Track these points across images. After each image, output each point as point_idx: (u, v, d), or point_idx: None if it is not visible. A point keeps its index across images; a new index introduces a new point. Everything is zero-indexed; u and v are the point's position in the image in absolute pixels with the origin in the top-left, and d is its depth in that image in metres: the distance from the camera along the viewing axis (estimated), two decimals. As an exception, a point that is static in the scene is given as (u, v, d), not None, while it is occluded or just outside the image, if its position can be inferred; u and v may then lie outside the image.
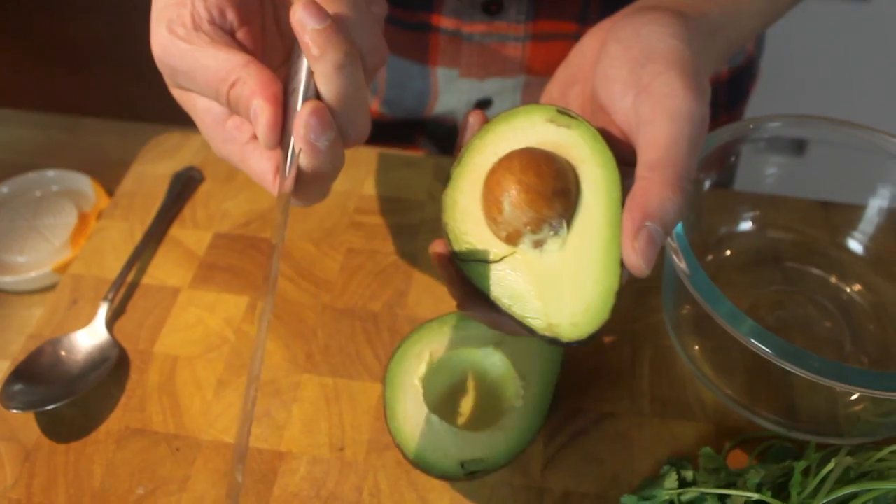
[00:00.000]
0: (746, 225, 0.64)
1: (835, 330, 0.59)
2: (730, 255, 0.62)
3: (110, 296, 0.60)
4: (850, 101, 1.46)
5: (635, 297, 0.61)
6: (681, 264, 0.50)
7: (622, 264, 0.39)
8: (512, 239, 0.42)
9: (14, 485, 0.52)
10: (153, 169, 0.71)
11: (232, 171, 0.70)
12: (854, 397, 0.53)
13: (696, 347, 0.56)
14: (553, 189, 0.40)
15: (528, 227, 0.41)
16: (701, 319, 0.56)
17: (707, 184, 0.59)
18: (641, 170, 0.39)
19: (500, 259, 0.41)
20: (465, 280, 0.43)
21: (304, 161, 0.39)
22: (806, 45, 1.46)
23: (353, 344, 0.58)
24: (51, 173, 0.72)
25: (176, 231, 0.66)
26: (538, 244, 0.41)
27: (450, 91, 0.75)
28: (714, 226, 0.63)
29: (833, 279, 0.62)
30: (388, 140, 0.81)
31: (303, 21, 0.37)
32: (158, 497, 0.51)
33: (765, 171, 0.62)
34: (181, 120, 0.48)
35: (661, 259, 0.62)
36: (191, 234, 0.66)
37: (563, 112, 0.44)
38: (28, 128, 0.79)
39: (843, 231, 0.63)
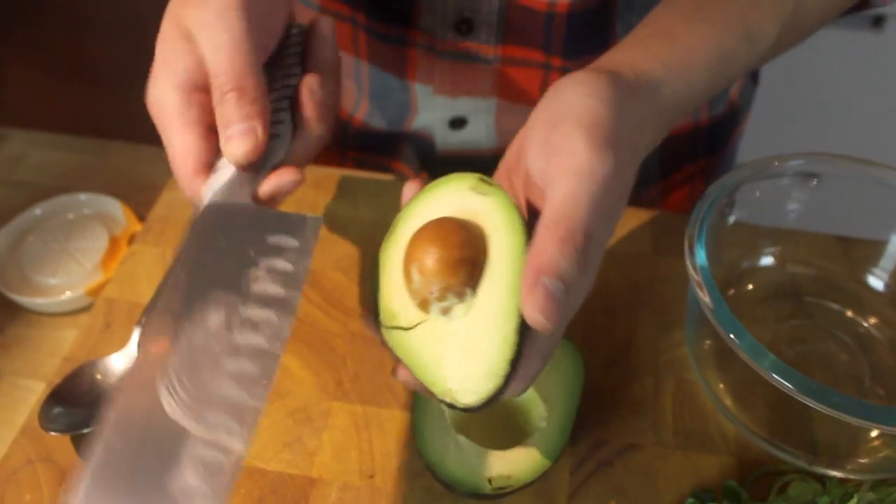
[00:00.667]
0: (767, 260, 0.65)
1: (853, 364, 0.60)
2: (751, 290, 0.64)
3: (143, 320, 0.61)
4: (864, 132, 1.48)
5: (658, 329, 0.62)
6: (704, 298, 0.51)
7: (521, 332, 0.40)
8: (423, 306, 0.43)
9: (50, 506, 0.53)
10: (183, 195, 0.72)
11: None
12: (874, 433, 0.54)
13: (718, 381, 0.57)
14: (458, 259, 0.42)
15: (435, 296, 0.42)
16: (722, 353, 0.57)
17: (731, 219, 0.60)
18: (539, 229, 0.40)
19: (414, 326, 0.43)
20: None
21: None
22: (817, 73, 1.47)
23: (382, 372, 0.59)
24: (83, 197, 0.73)
25: (207, 257, 0.67)
26: (445, 311, 0.42)
27: (426, 107, 0.77)
28: (736, 260, 0.64)
29: (851, 314, 0.63)
30: (371, 150, 0.83)
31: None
32: (192, 521, 0.52)
33: (786, 207, 0.63)
34: None
35: (683, 292, 0.63)
36: (222, 260, 0.67)
37: (483, 180, 0.45)
38: (58, 150, 0.80)
39: (862, 266, 0.64)
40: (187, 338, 0.40)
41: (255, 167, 0.48)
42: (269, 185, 0.48)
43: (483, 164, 0.80)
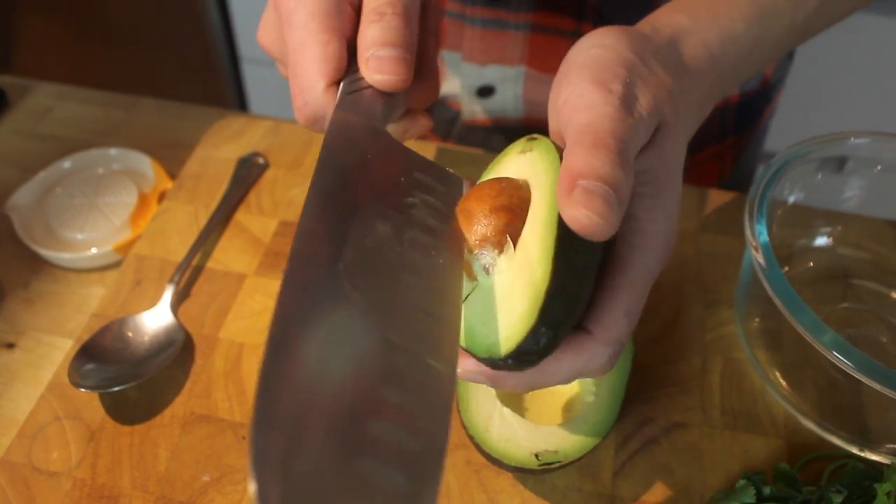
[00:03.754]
0: (818, 241, 0.63)
1: (904, 350, 0.58)
2: (801, 271, 0.62)
3: (176, 278, 0.60)
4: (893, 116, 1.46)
5: (705, 307, 0.60)
6: (766, 275, 0.49)
7: (562, 257, 0.35)
8: (469, 272, 0.39)
9: (79, 464, 0.51)
10: (217, 153, 0.70)
11: (297, 158, 0.69)
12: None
13: (768, 361, 0.56)
14: (490, 207, 0.38)
15: (472, 254, 0.39)
16: (773, 332, 0.56)
17: (790, 199, 0.58)
18: (565, 152, 0.36)
19: (465, 298, 0.40)
20: None
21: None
22: (852, 54, 1.45)
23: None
24: (113, 151, 0.71)
25: (241, 217, 0.65)
26: (487, 269, 0.39)
27: (454, 75, 0.75)
28: (786, 240, 0.62)
29: (902, 298, 0.61)
30: None
31: None
32: (224, 485, 0.51)
33: (842, 189, 0.62)
34: (210, 102, 0.49)
35: (729, 269, 0.62)
36: (256, 221, 0.65)
37: (531, 138, 0.42)
38: (86, 104, 0.78)
39: (914, 251, 0.62)
40: (355, 239, 0.35)
41: (387, 102, 0.43)
42: (403, 123, 0.45)
43: (509, 133, 0.78)
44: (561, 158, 0.37)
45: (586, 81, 0.38)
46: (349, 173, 0.38)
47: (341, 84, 0.43)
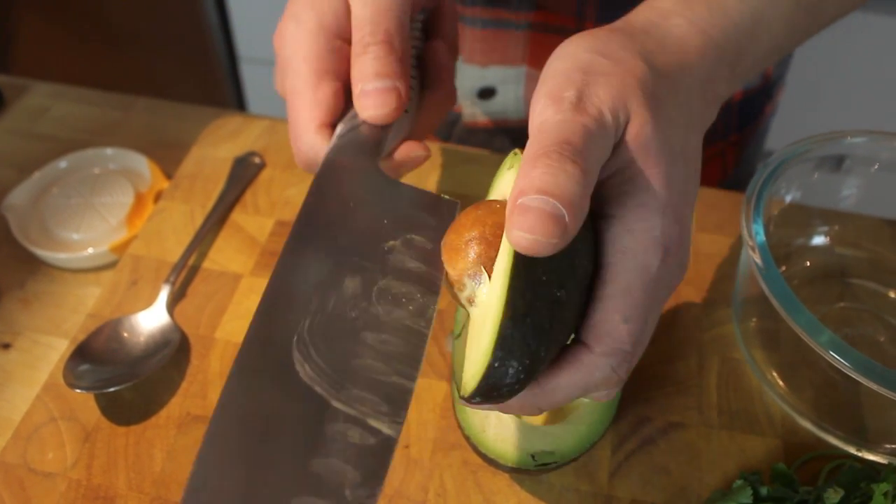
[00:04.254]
0: (815, 240, 0.63)
1: (901, 349, 0.58)
2: (798, 271, 0.62)
3: (172, 278, 0.59)
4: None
5: (702, 307, 0.60)
6: (763, 275, 0.49)
7: (518, 289, 0.33)
8: (462, 305, 0.39)
9: (74, 465, 0.51)
10: (213, 152, 0.70)
11: (293, 157, 0.69)
12: (928, 419, 0.52)
13: (765, 360, 0.56)
14: (466, 239, 0.37)
15: (456, 288, 0.38)
16: (770, 332, 0.56)
17: (786, 198, 0.58)
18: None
19: (461, 330, 0.39)
20: None
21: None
22: (851, 53, 1.45)
23: (417, 340, 0.57)
24: (109, 151, 0.71)
25: (237, 216, 0.65)
26: (471, 300, 0.38)
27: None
28: (784, 240, 0.62)
29: (898, 297, 0.61)
30: None
31: None
32: (220, 485, 0.50)
33: (840, 188, 0.61)
34: (208, 101, 0.49)
35: (727, 269, 0.61)
36: (252, 221, 0.65)
37: (515, 153, 0.42)
38: (83, 104, 0.78)
39: (912, 250, 0.62)
40: (319, 302, 0.36)
41: (384, 133, 0.43)
42: (400, 154, 0.44)
43: (510, 135, 0.78)
44: None
45: (543, 97, 0.37)
46: (329, 225, 0.39)
47: (339, 125, 0.43)
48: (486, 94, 0.75)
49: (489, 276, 0.36)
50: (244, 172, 0.68)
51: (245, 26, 1.59)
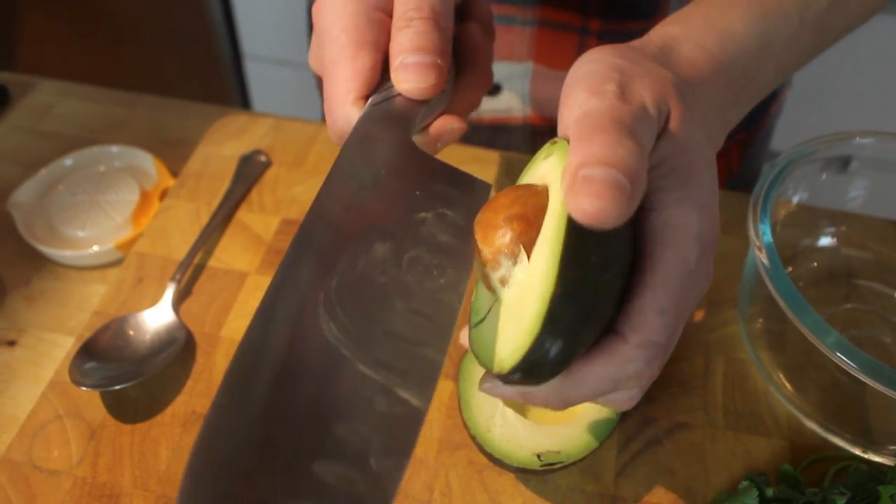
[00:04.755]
0: (822, 241, 0.63)
1: (908, 351, 0.58)
2: (805, 272, 0.62)
3: (177, 276, 0.59)
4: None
5: (708, 307, 0.60)
6: (769, 275, 0.49)
7: (569, 262, 0.33)
8: (489, 286, 0.38)
9: (80, 462, 0.51)
10: (219, 150, 0.70)
11: (300, 155, 0.69)
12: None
13: (771, 361, 0.55)
14: (504, 217, 0.37)
15: (489, 267, 0.37)
16: (776, 333, 0.56)
17: (793, 199, 0.58)
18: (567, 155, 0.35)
19: (485, 315, 0.38)
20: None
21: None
22: (856, 58, 1.45)
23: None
24: (114, 149, 0.71)
25: (243, 215, 0.65)
26: (504, 281, 0.37)
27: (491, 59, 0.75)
28: (790, 241, 0.62)
29: (905, 299, 0.61)
30: None
31: None
32: (225, 483, 0.50)
33: (843, 189, 0.61)
34: (213, 99, 0.48)
35: (733, 270, 0.61)
36: (258, 219, 0.65)
37: (553, 142, 0.41)
38: (88, 102, 0.78)
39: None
40: (348, 262, 0.34)
41: (419, 109, 0.42)
42: (436, 127, 0.43)
43: (516, 132, 0.78)
44: None
45: (582, 92, 0.36)
46: (358, 190, 0.37)
47: (371, 97, 0.42)
48: (492, 90, 0.75)
49: (528, 257, 0.36)
50: (250, 171, 0.68)
51: (250, 24, 1.59)
